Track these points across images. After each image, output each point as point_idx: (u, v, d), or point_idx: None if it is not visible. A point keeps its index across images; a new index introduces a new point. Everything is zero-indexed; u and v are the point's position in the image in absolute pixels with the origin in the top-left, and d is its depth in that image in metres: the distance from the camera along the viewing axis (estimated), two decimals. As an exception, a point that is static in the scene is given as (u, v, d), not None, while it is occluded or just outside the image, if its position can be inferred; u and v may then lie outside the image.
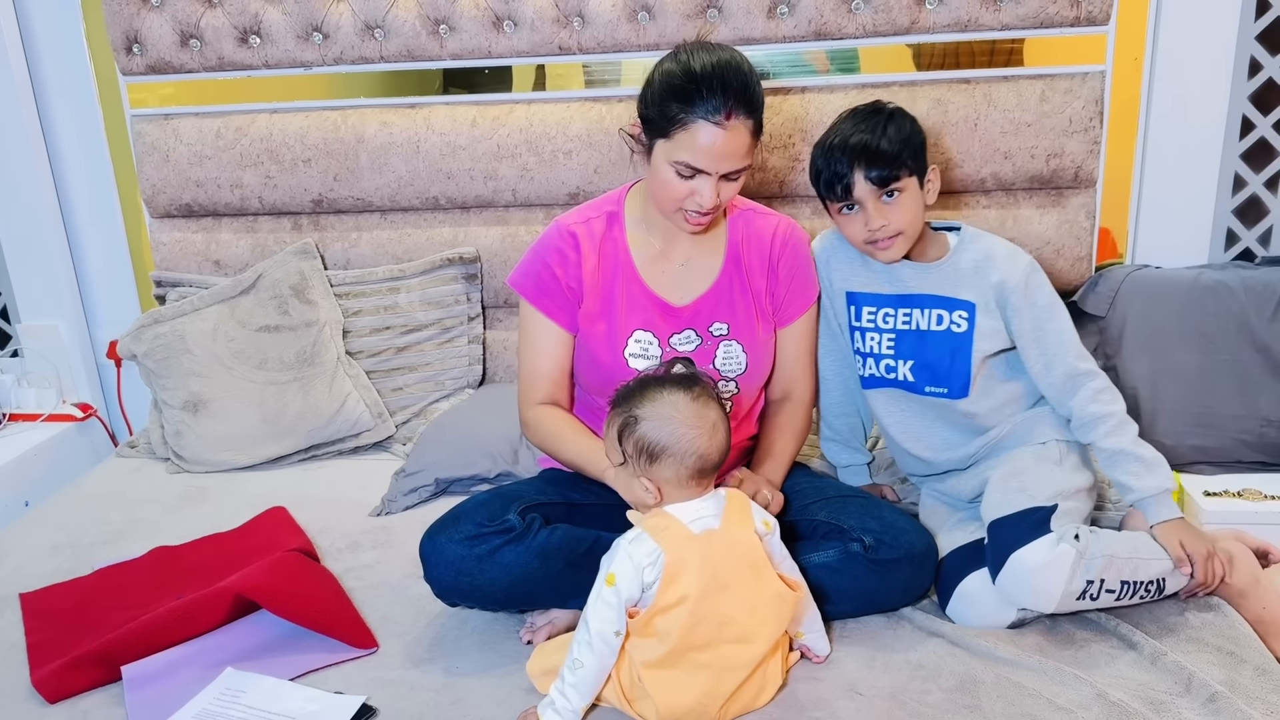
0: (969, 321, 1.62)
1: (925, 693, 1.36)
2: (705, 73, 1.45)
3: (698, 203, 1.51)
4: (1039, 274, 1.62)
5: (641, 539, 1.30)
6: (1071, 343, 1.60)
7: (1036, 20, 2.08)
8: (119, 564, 1.77)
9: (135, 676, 1.44)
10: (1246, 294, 2.07)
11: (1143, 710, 1.29)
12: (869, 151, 1.54)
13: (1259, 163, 2.20)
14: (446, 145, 2.24)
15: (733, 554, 1.32)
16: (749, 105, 1.47)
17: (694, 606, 1.28)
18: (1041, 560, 1.42)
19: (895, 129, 1.56)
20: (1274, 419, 2.02)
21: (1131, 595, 1.48)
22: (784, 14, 2.12)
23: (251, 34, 2.25)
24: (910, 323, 1.66)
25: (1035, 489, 1.51)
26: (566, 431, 1.61)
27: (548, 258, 1.63)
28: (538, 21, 2.18)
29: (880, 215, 1.56)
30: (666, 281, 1.65)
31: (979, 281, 1.62)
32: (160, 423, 2.22)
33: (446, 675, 1.44)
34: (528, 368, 1.67)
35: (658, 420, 1.32)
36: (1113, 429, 1.55)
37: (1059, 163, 2.13)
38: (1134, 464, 1.53)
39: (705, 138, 1.46)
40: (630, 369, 1.61)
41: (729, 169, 1.49)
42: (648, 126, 1.52)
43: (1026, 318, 1.59)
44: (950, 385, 1.65)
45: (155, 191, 2.36)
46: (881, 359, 1.69)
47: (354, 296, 2.29)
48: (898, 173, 1.55)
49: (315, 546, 1.79)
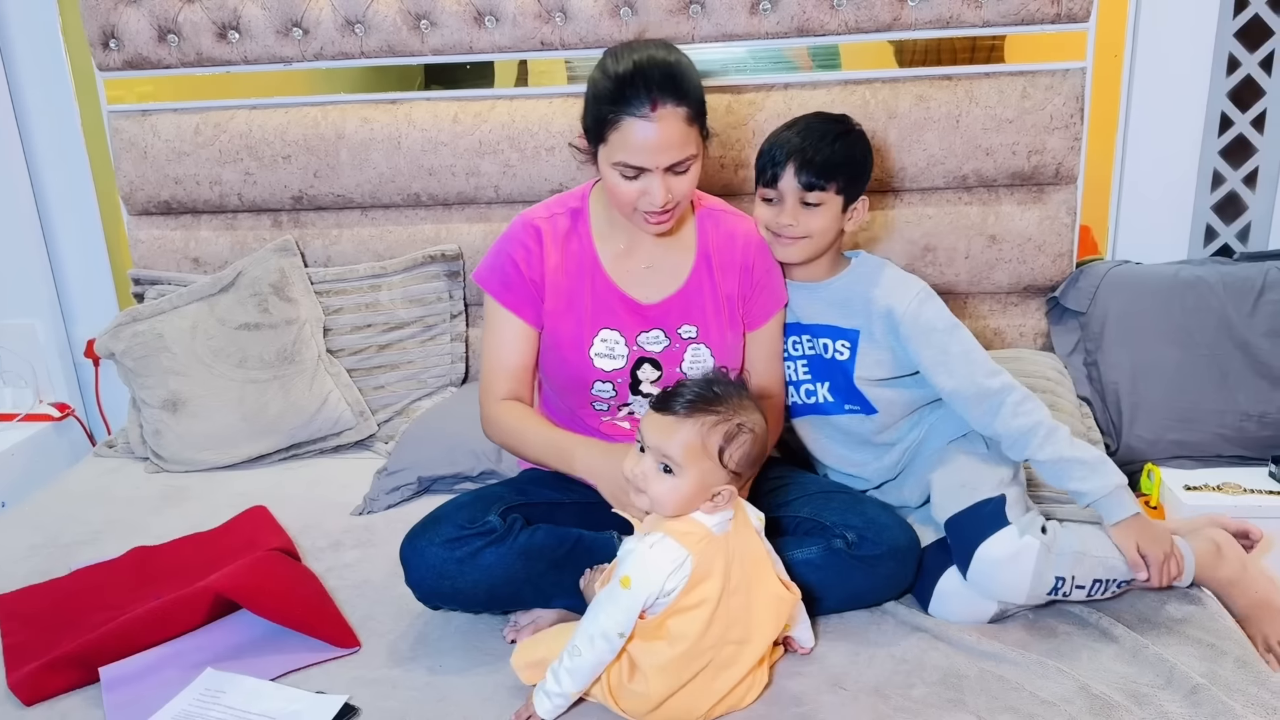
0: (851, 350, 1.62)
1: (909, 687, 1.37)
2: (627, 70, 1.44)
3: (650, 202, 1.49)
4: (933, 300, 1.60)
5: (665, 543, 1.26)
6: (980, 361, 1.56)
7: (1017, 17, 2.09)
8: (97, 564, 1.75)
9: (113, 678, 1.42)
10: (1225, 289, 2.09)
11: (1125, 703, 1.30)
12: (807, 155, 1.56)
13: (1237, 159, 2.22)
14: (428, 141, 2.23)
15: (742, 554, 1.31)
16: (676, 93, 1.44)
17: (713, 609, 1.26)
18: (1007, 552, 1.43)
19: (843, 147, 1.58)
20: (1253, 413, 2.03)
21: (1104, 591, 1.49)
22: (766, 10, 2.12)
23: (230, 29, 2.24)
24: (814, 348, 1.68)
25: (978, 482, 1.52)
26: (531, 425, 1.59)
27: (512, 252, 1.62)
28: (519, 17, 2.17)
29: (793, 215, 1.58)
30: (634, 280, 1.63)
31: (864, 308, 1.62)
32: (139, 422, 2.20)
33: (429, 674, 1.43)
34: (491, 362, 1.64)
35: (761, 430, 1.31)
36: (1044, 439, 1.50)
37: (1040, 159, 2.14)
38: (1077, 468, 1.49)
39: (636, 133, 1.44)
40: (596, 368, 1.60)
41: (669, 162, 1.47)
42: (588, 135, 1.52)
43: (926, 345, 1.57)
44: (860, 404, 1.65)
45: (133, 188, 2.33)
46: (801, 384, 1.70)
47: (335, 294, 2.27)
48: (825, 185, 1.56)
49: (296, 546, 1.77)
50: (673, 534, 1.26)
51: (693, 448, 1.26)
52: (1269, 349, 2.04)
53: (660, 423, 1.28)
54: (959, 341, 1.57)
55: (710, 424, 1.27)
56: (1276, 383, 2.03)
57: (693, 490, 1.27)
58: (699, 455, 1.26)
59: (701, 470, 1.26)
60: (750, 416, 1.30)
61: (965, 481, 1.53)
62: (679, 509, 1.28)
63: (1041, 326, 2.27)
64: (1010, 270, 2.21)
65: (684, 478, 1.26)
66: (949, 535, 1.52)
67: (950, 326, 1.58)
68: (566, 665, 1.28)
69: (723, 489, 1.27)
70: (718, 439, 1.27)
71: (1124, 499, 1.49)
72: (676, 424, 1.27)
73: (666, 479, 1.27)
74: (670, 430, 1.27)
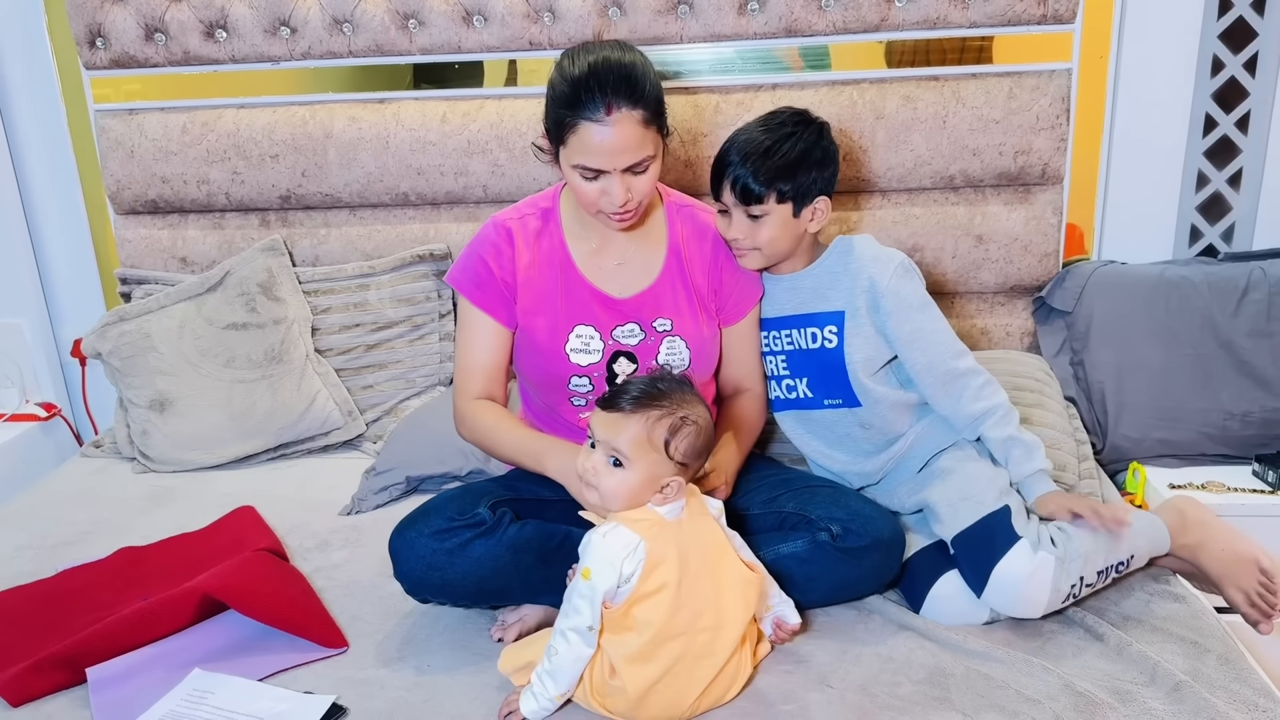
0: (838, 336, 1.63)
1: (896, 685, 1.37)
2: (582, 74, 1.45)
3: (610, 202, 1.51)
4: (912, 275, 1.62)
5: (617, 530, 1.30)
6: (948, 342, 1.60)
7: (1004, 18, 2.10)
8: (84, 565, 1.74)
9: (100, 679, 1.42)
10: (1210, 289, 2.10)
11: (1109, 700, 1.31)
12: (741, 169, 1.56)
13: (1221, 160, 2.23)
14: (416, 141, 2.23)
15: (699, 540, 1.34)
16: (631, 96, 1.45)
17: (674, 592, 1.29)
18: (1026, 570, 1.44)
19: (785, 150, 1.55)
20: (1236, 412, 2.05)
21: (1107, 578, 1.51)
22: (754, 11, 2.13)
23: (218, 28, 2.23)
24: (793, 343, 1.68)
25: (980, 494, 1.53)
26: (504, 425, 1.60)
27: (484, 253, 1.63)
28: (508, 17, 2.17)
29: (739, 228, 1.59)
30: (607, 276, 1.65)
31: (847, 284, 1.62)
32: (126, 422, 2.19)
33: (417, 674, 1.43)
34: (464, 362, 1.66)
35: (705, 422, 1.35)
36: (998, 421, 1.58)
37: (1026, 159, 2.15)
38: (1018, 448, 1.57)
39: (592, 137, 1.46)
40: (571, 364, 1.62)
41: (626, 164, 1.48)
42: (549, 137, 1.53)
43: (900, 319, 1.59)
44: (843, 397, 1.66)
45: (120, 188, 2.33)
46: (782, 380, 1.71)
47: (323, 294, 2.27)
48: (764, 196, 1.56)
49: (284, 546, 1.77)
50: (625, 522, 1.31)
51: (639, 441, 1.31)
52: (1252, 349, 2.06)
53: (608, 419, 1.33)
54: (930, 319, 1.61)
55: (655, 418, 1.32)
56: (1260, 382, 2.05)
57: (641, 482, 1.32)
58: (646, 448, 1.31)
59: (649, 463, 1.31)
60: (694, 410, 1.35)
61: (966, 494, 1.54)
62: (630, 501, 1.32)
63: (1028, 326, 2.28)
64: (997, 270, 2.22)
65: (633, 470, 1.31)
66: (958, 552, 1.51)
67: (925, 303, 1.62)
68: (547, 668, 1.30)
69: (671, 480, 1.32)
70: (663, 432, 1.32)
71: (1046, 480, 1.57)
72: (623, 419, 1.32)
73: (617, 472, 1.32)
74: (618, 426, 1.32)
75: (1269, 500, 1.91)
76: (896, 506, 1.67)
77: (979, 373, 1.60)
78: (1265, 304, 2.07)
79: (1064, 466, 1.80)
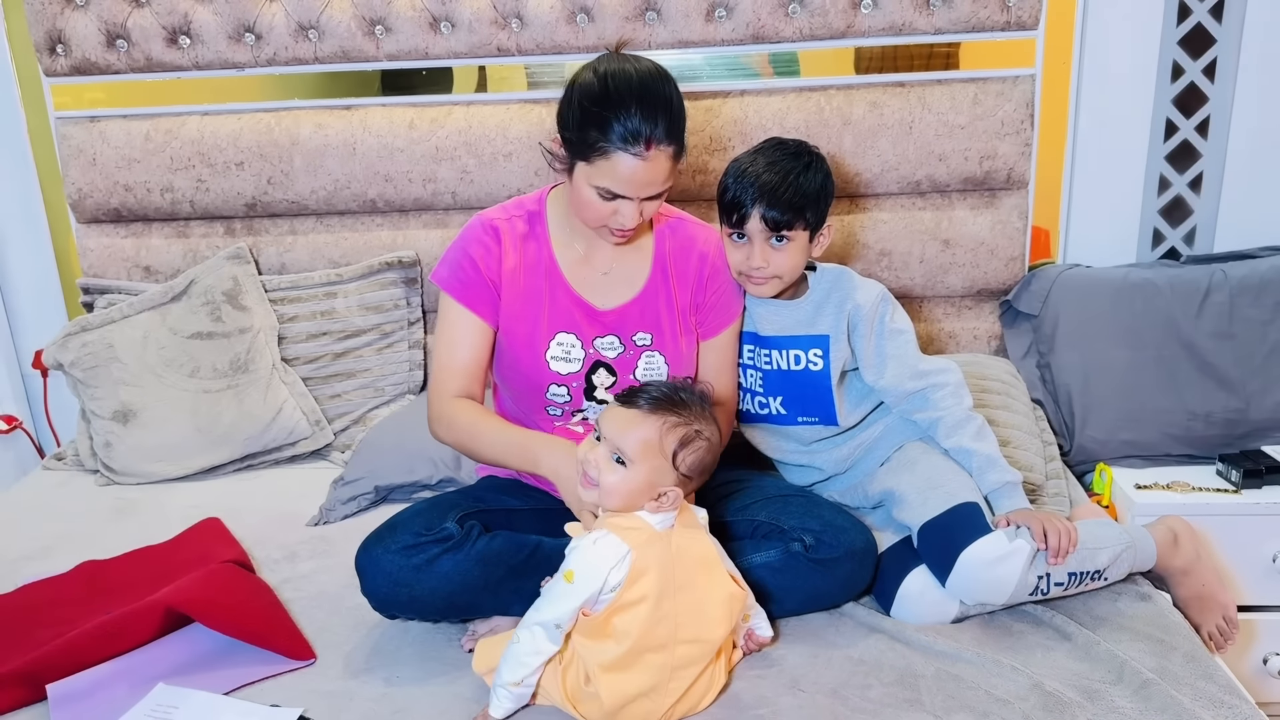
0: (824, 359, 1.65)
1: (866, 688, 1.37)
2: (624, 100, 1.43)
3: (620, 222, 1.51)
4: (892, 303, 1.66)
5: (607, 539, 1.28)
6: (912, 360, 1.63)
7: (968, 24, 2.12)
8: (46, 579, 1.71)
9: (61, 695, 1.39)
10: (1173, 292, 2.13)
11: (1077, 699, 1.32)
12: (773, 195, 1.57)
13: (1182, 164, 2.27)
14: (384, 147, 2.21)
15: (689, 553, 1.33)
16: (670, 133, 1.46)
17: (655, 605, 1.28)
18: (996, 554, 1.45)
19: (808, 179, 1.59)
20: (1199, 413, 2.07)
21: (1078, 585, 1.51)
22: (722, 17, 2.14)
23: (181, 34, 2.21)
24: (771, 362, 1.69)
25: (949, 484, 1.54)
26: (488, 422, 1.57)
27: (470, 250, 1.61)
28: (475, 23, 2.16)
29: (763, 256, 1.60)
30: (591, 285, 1.63)
31: (834, 310, 1.65)
32: (89, 434, 2.16)
33: (386, 685, 1.42)
34: (444, 359, 1.62)
35: (716, 442, 1.35)
36: (956, 424, 1.59)
37: (992, 164, 2.17)
38: (979, 460, 1.57)
39: (625, 168, 1.45)
40: (551, 372, 1.60)
41: (650, 194, 1.50)
42: (568, 146, 1.50)
43: (870, 340, 1.63)
44: (820, 414, 1.68)
45: (82, 196, 2.29)
46: (755, 395, 1.72)
47: (289, 302, 2.25)
48: (793, 223, 1.58)
49: (251, 558, 1.75)
50: (615, 530, 1.29)
51: (649, 444, 1.30)
52: (1215, 350, 2.09)
53: (622, 415, 1.32)
54: (901, 343, 1.64)
55: (670, 424, 1.31)
56: (1222, 383, 2.08)
57: (640, 484, 1.30)
58: (653, 452, 1.30)
59: (652, 466, 1.30)
60: (709, 427, 1.35)
61: (936, 484, 1.55)
62: (626, 501, 1.31)
63: (995, 329, 2.30)
64: (964, 274, 2.24)
65: (634, 471, 1.30)
66: (922, 540, 1.52)
67: (901, 328, 1.64)
68: (506, 655, 1.29)
69: (669, 490, 1.30)
70: (674, 440, 1.31)
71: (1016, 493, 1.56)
72: (639, 418, 1.31)
73: (618, 469, 1.31)
74: (631, 423, 1.31)
75: (1233, 499, 1.94)
76: (860, 499, 1.68)
77: (942, 385, 1.61)
78: (1227, 306, 2.10)
79: (1031, 467, 1.81)
